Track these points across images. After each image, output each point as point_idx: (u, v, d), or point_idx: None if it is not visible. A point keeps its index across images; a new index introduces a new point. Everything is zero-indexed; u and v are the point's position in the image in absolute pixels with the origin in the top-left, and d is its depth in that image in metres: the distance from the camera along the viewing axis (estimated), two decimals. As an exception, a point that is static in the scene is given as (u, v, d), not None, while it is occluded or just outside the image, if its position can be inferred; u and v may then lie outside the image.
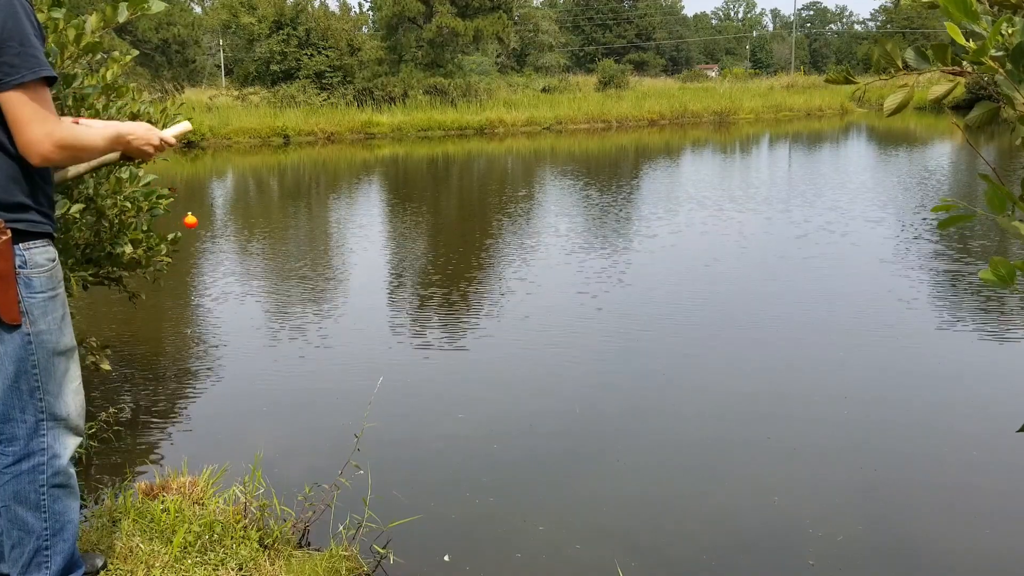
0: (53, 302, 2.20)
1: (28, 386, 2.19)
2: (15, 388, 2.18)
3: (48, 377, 2.21)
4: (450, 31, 31.24)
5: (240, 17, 30.15)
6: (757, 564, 3.30)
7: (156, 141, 2.37)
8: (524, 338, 6.22)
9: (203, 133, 23.62)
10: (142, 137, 2.35)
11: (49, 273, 2.18)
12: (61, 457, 2.28)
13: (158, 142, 2.38)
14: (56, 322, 2.21)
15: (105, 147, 2.26)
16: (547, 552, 3.38)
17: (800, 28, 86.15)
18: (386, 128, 26.62)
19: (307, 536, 3.29)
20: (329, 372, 5.62)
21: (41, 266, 2.16)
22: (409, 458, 4.28)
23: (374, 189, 16.43)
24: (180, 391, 5.33)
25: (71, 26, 2.81)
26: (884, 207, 11.62)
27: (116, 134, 2.29)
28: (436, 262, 9.09)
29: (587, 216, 11.74)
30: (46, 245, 2.18)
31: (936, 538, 3.53)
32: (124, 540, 2.83)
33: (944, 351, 5.81)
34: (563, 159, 21.17)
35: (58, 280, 2.22)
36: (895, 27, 56.82)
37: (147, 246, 3.65)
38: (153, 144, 2.37)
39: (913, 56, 1.49)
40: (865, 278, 7.69)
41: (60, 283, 2.23)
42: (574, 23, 67.87)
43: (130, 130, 2.33)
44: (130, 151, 2.35)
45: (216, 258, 9.49)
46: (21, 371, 2.17)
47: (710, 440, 4.46)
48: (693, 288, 7.55)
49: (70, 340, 2.28)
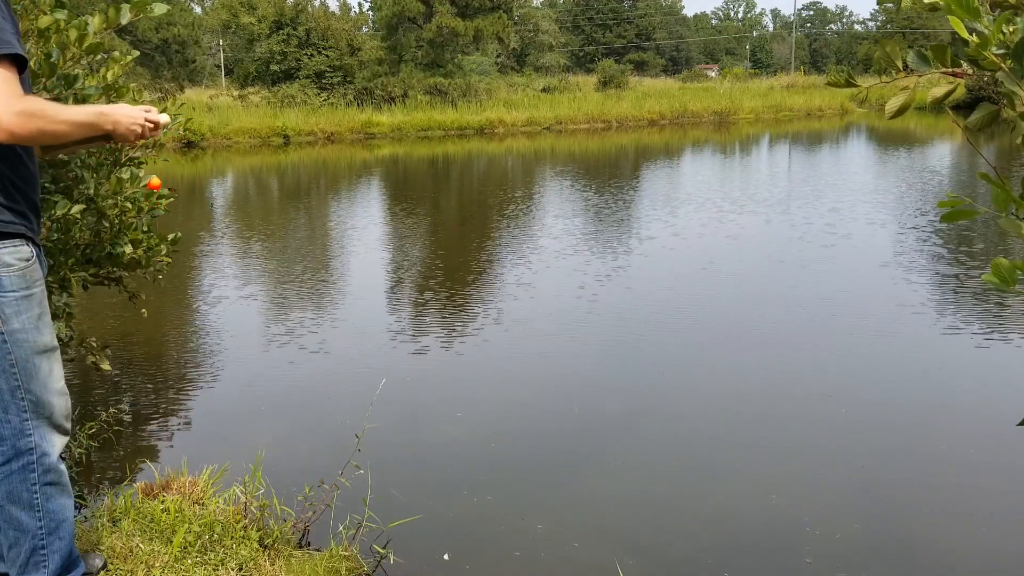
0: (27, 301, 2.16)
1: (8, 386, 2.17)
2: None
3: (29, 377, 2.19)
4: (450, 31, 31.24)
5: (240, 17, 30.17)
6: (756, 563, 3.30)
7: (141, 119, 2.28)
8: (524, 338, 6.22)
9: (203, 133, 23.61)
10: (128, 115, 2.26)
11: (21, 272, 2.14)
12: (50, 455, 2.26)
13: (143, 120, 2.28)
14: (32, 321, 2.18)
15: (81, 121, 2.15)
16: (547, 551, 3.38)
17: (800, 28, 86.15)
18: (386, 128, 26.63)
19: (307, 536, 3.29)
20: (329, 372, 5.62)
21: (10, 265, 2.12)
22: (409, 458, 4.28)
23: (374, 189, 16.43)
24: (180, 391, 5.33)
25: (73, 26, 2.81)
26: (884, 208, 11.62)
27: (97, 111, 2.22)
28: (436, 263, 9.09)
29: (587, 217, 11.74)
30: (18, 245, 2.14)
31: (935, 537, 3.53)
32: (124, 540, 2.83)
33: (943, 351, 5.81)
34: (563, 159, 21.18)
35: (33, 280, 2.18)
36: (895, 27, 56.79)
37: (147, 246, 3.65)
38: (138, 122, 2.27)
39: (914, 59, 1.49)
40: (864, 279, 7.69)
41: (36, 283, 2.19)
42: (574, 23, 67.88)
43: (113, 109, 2.25)
44: (118, 133, 2.25)
45: (216, 258, 9.49)
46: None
47: (709, 440, 4.46)
48: (692, 289, 7.55)
49: (50, 340, 2.24)
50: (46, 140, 2.09)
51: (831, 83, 1.66)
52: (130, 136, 2.27)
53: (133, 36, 25.56)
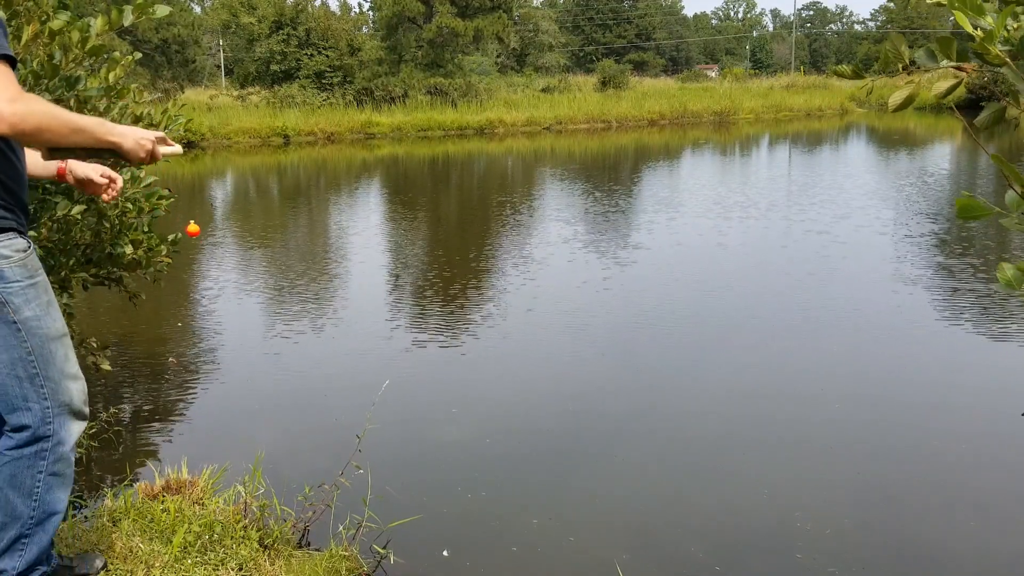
0: (34, 289, 2.19)
1: (27, 373, 2.19)
2: (14, 376, 2.18)
3: (46, 364, 2.21)
4: (450, 31, 31.24)
5: (240, 17, 30.17)
6: (754, 560, 3.30)
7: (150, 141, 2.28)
8: (523, 338, 6.22)
9: (203, 133, 23.61)
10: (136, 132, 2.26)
11: (22, 262, 2.16)
12: (65, 444, 2.27)
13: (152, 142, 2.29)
14: (43, 308, 2.20)
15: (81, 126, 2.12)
16: (547, 550, 3.39)
17: (800, 28, 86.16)
18: (386, 128, 26.63)
19: (307, 536, 3.29)
20: (329, 372, 5.62)
21: (8, 257, 2.14)
22: (409, 458, 4.28)
23: (374, 189, 16.43)
24: (180, 391, 5.33)
25: (75, 28, 2.81)
26: (884, 209, 11.62)
27: (99, 120, 2.21)
28: (436, 263, 9.08)
29: (587, 218, 11.74)
30: (12, 238, 2.16)
31: (935, 537, 3.53)
32: (124, 540, 2.83)
33: (943, 351, 5.81)
34: (563, 159, 21.18)
35: (35, 268, 2.21)
36: (895, 27, 56.81)
37: (147, 247, 3.65)
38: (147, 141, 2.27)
39: (923, 56, 1.48)
40: (864, 280, 7.69)
41: (38, 271, 2.22)
42: (574, 23, 67.88)
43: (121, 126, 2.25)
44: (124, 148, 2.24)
45: (216, 258, 9.49)
46: (16, 359, 2.17)
47: (708, 439, 4.46)
48: (692, 289, 7.55)
49: (61, 325, 2.27)
50: (46, 138, 2.04)
51: (838, 73, 1.66)
52: (138, 153, 2.26)
53: (133, 36, 25.56)
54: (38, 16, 2.80)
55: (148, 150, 2.28)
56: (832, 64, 64.60)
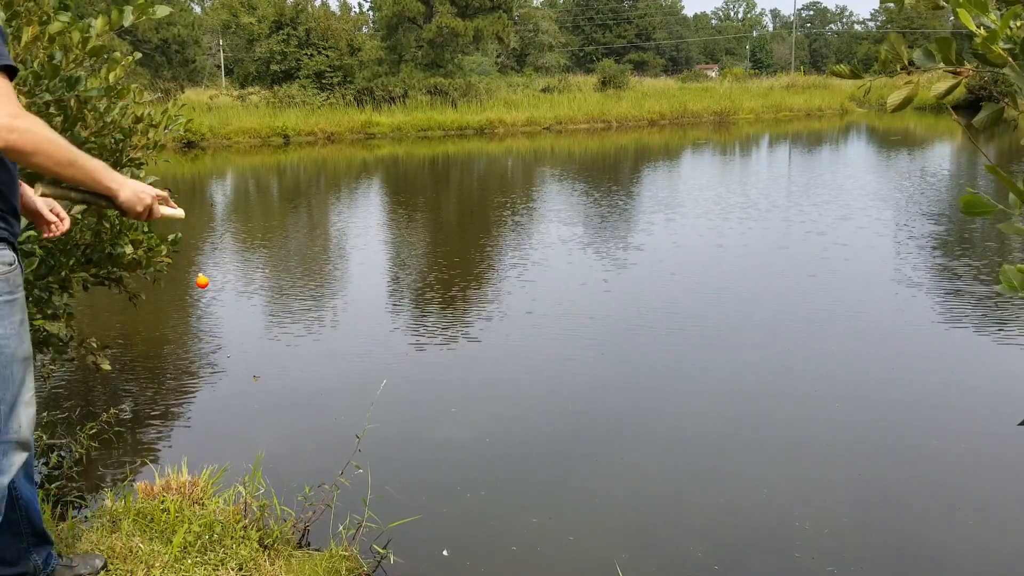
0: (11, 306, 2.07)
1: None
2: None
3: (4, 385, 2.06)
4: (450, 31, 31.25)
5: (240, 17, 30.19)
6: (754, 560, 3.31)
7: (149, 197, 2.22)
8: (523, 338, 6.22)
9: (203, 133, 23.61)
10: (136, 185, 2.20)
11: (5, 277, 2.06)
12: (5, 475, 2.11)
13: (151, 198, 2.23)
14: (15, 327, 2.08)
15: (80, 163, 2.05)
16: (547, 549, 3.39)
17: (800, 28, 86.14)
18: (386, 128, 26.63)
19: (307, 536, 3.29)
20: (329, 372, 5.62)
21: None
22: (409, 458, 4.28)
23: (374, 190, 16.43)
24: (180, 391, 5.33)
25: (76, 28, 2.81)
26: (885, 209, 11.62)
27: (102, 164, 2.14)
28: (435, 263, 9.08)
29: (587, 218, 11.74)
30: (2, 248, 2.07)
31: (935, 537, 3.53)
32: (124, 540, 2.83)
33: (943, 353, 5.81)
34: (563, 159, 21.18)
35: (16, 284, 2.09)
36: (895, 27, 56.79)
37: (147, 247, 3.65)
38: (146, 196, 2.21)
39: (920, 56, 1.48)
40: (864, 280, 7.69)
41: (19, 287, 2.11)
42: (574, 23, 67.87)
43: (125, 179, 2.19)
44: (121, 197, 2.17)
45: (216, 258, 9.49)
46: None
47: (708, 439, 4.46)
48: (691, 290, 7.55)
49: (29, 348, 2.13)
50: (38, 161, 1.97)
51: (835, 72, 1.66)
52: (135, 206, 2.19)
53: (133, 36, 25.58)
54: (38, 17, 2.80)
55: (147, 204, 2.21)
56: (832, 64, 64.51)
